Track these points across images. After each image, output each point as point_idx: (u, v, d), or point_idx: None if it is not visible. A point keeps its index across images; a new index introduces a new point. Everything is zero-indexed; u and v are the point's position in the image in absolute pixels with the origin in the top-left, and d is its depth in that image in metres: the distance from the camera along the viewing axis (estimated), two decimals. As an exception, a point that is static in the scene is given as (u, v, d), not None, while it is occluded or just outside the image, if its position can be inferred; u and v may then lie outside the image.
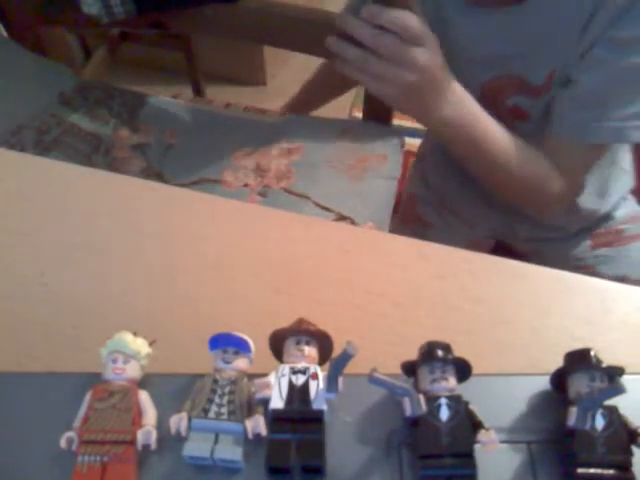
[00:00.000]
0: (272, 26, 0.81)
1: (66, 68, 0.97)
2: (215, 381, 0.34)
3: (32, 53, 0.94)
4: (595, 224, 0.87)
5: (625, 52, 0.60)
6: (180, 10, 0.83)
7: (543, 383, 0.35)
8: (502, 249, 0.94)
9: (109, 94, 0.94)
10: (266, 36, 0.88)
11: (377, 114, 0.88)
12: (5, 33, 1.00)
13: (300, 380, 0.33)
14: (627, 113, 0.63)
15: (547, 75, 0.68)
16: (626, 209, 0.87)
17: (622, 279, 0.60)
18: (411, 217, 0.94)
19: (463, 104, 0.63)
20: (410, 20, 0.53)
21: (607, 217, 0.86)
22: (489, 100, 0.72)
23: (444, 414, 0.32)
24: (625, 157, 0.87)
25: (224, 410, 0.33)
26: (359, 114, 0.93)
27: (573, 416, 0.32)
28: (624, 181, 0.86)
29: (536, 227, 0.87)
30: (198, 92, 1.45)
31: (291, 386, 0.33)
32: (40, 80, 0.93)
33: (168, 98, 0.99)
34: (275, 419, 0.32)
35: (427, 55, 0.55)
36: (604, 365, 0.33)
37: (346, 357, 0.31)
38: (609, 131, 0.64)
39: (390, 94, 0.57)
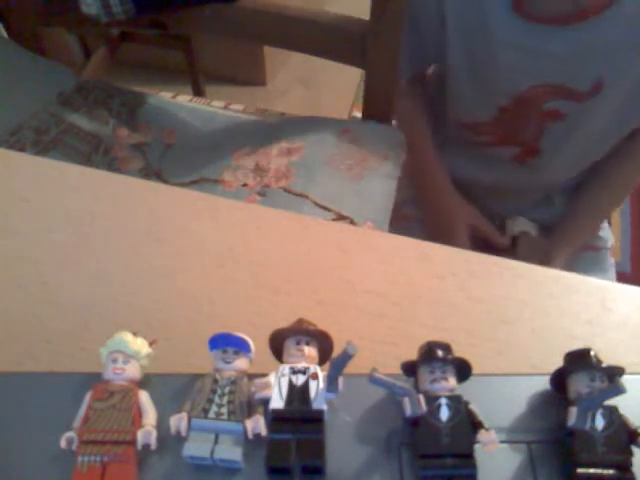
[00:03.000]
0: (272, 26, 0.81)
1: (66, 68, 0.96)
2: (215, 381, 0.34)
3: (32, 53, 0.94)
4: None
5: None
6: (180, 10, 0.83)
7: (543, 383, 0.35)
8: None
9: (109, 94, 0.94)
10: (266, 36, 0.88)
11: (377, 114, 0.88)
12: (5, 33, 1.00)
13: (300, 380, 0.33)
14: None
15: (593, 83, 0.71)
16: None
17: None
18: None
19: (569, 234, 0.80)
20: None
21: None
22: (524, 105, 0.76)
23: (444, 414, 0.32)
24: None
25: (224, 410, 0.33)
26: (359, 114, 0.93)
27: (573, 416, 0.32)
28: None
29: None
30: (198, 92, 1.45)
31: (291, 386, 0.33)
32: (39, 80, 0.93)
33: (168, 98, 0.99)
34: (275, 419, 0.32)
35: None
36: (604, 365, 0.33)
37: (346, 357, 0.31)
38: None
39: None
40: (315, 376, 0.33)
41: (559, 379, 0.34)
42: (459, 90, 0.81)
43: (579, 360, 0.34)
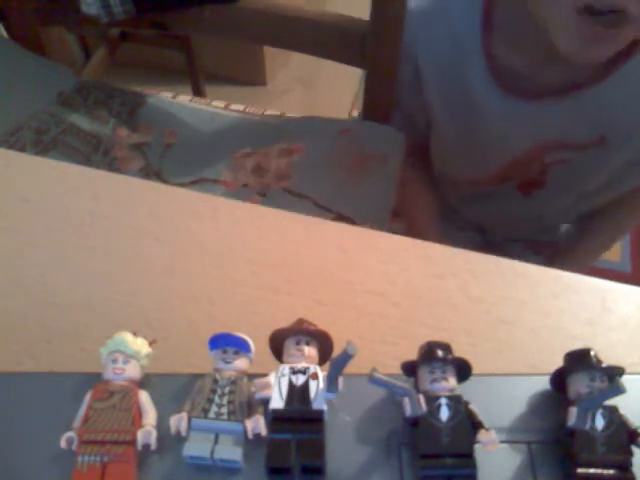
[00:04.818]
0: (272, 26, 0.81)
1: (65, 68, 0.96)
2: (215, 381, 0.34)
3: (32, 53, 0.94)
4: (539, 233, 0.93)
5: None
6: (180, 10, 0.83)
7: (543, 383, 0.35)
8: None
9: (108, 94, 0.94)
10: (266, 36, 0.88)
11: (377, 114, 0.87)
12: (5, 33, 1.00)
13: (300, 380, 0.33)
14: None
15: (595, 137, 0.68)
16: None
17: None
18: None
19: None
20: None
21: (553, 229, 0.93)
22: (523, 161, 0.74)
23: (444, 414, 0.32)
24: None
25: (224, 410, 0.33)
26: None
27: (573, 416, 0.32)
28: None
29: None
30: (198, 92, 1.45)
31: (291, 386, 0.33)
32: (39, 80, 0.93)
33: (168, 98, 0.99)
34: (275, 419, 0.32)
35: None
36: (604, 365, 0.33)
37: (346, 357, 0.31)
38: None
39: None
40: (315, 376, 0.33)
41: (559, 379, 0.34)
42: (452, 157, 0.80)
43: (579, 360, 0.34)
